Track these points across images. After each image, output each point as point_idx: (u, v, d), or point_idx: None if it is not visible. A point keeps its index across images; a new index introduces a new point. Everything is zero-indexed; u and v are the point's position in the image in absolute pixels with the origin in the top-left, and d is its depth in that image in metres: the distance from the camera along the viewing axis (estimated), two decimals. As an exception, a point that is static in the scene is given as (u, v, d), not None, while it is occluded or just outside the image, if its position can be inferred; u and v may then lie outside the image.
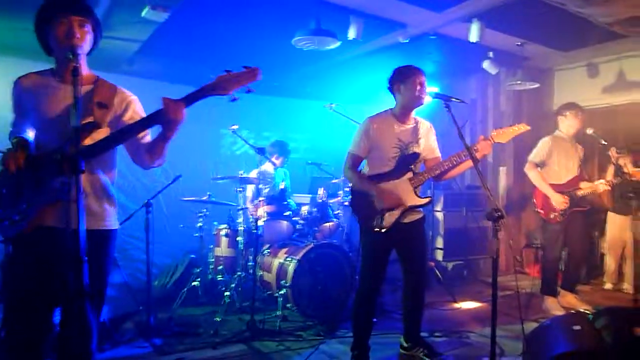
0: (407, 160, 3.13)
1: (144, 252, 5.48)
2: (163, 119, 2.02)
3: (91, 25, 2.09)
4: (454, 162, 3.05)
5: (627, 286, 5.42)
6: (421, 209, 3.18)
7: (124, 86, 2.26)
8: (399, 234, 3.11)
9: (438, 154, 3.30)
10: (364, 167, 3.24)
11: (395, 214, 3.07)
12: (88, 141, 2.01)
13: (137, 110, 2.23)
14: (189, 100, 2.07)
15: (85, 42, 2.06)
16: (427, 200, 3.16)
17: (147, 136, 2.21)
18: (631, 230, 4.86)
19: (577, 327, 2.81)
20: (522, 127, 3.07)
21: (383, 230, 3.04)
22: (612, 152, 4.49)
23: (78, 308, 1.95)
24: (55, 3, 2.05)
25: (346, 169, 3.19)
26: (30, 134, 2.13)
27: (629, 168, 4.56)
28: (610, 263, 5.60)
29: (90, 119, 2.03)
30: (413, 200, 3.11)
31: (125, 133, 2.07)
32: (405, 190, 3.10)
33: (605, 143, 4.31)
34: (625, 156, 4.67)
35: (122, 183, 3.92)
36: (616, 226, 5.50)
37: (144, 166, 2.25)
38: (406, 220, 3.12)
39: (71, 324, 1.95)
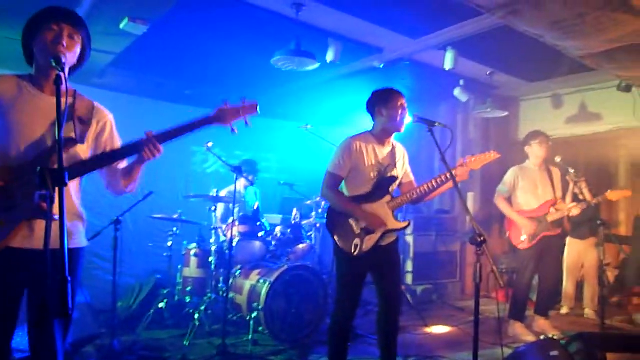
0: (385, 183, 3.12)
1: (107, 272, 5.27)
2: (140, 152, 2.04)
3: (81, 40, 2.01)
4: (433, 186, 3.06)
5: (588, 312, 5.56)
6: (395, 232, 3.17)
7: (95, 99, 2.19)
8: (376, 257, 3.06)
9: (412, 178, 3.31)
10: (342, 188, 3.19)
11: (375, 237, 3.04)
12: (64, 157, 1.92)
13: (114, 132, 2.21)
14: (173, 133, 2.11)
15: (71, 53, 1.97)
16: (405, 224, 3.15)
17: (124, 162, 2.18)
18: (597, 256, 4.98)
19: (555, 353, 2.84)
20: (493, 155, 3.14)
21: (362, 254, 3.00)
22: (570, 178, 4.64)
23: (48, 330, 1.85)
24: (50, 10, 1.96)
25: (325, 189, 3.11)
26: None
27: (585, 194, 4.72)
28: (568, 287, 5.73)
29: (72, 135, 1.94)
30: (392, 223, 3.09)
31: (107, 158, 2.04)
32: (384, 214, 3.08)
33: (573, 171, 4.45)
34: (581, 182, 4.83)
35: (86, 199, 3.73)
36: (574, 251, 5.66)
37: (117, 192, 2.22)
38: (383, 243, 3.09)
39: (42, 347, 1.83)
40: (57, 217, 1.68)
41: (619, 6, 2.80)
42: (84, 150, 2.05)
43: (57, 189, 1.58)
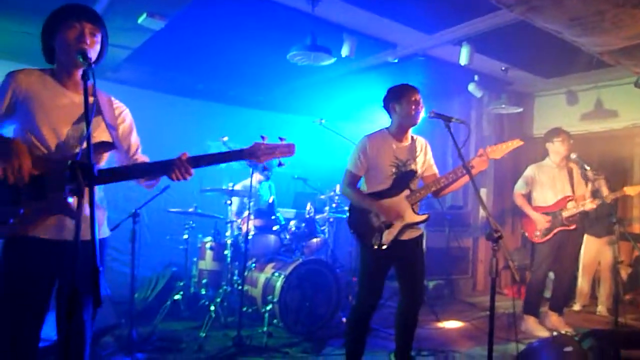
0: (404, 178, 3.15)
1: (124, 264, 5.36)
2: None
3: (100, 38, 2.05)
4: (450, 179, 3.09)
5: (601, 308, 5.55)
6: (420, 226, 3.20)
7: (109, 93, 2.24)
8: (398, 251, 3.11)
9: (435, 170, 3.33)
10: (362, 185, 3.24)
11: (394, 231, 3.08)
12: (102, 159, 2.06)
13: (131, 126, 2.27)
14: (206, 160, 2.10)
15: (93, 50, 2.01)
16: (424, 217, 3.17)
17: (146, 159, 2.25)
18: (612, 253, 4.98)
19: (569, 349, 2.86)
20: (516, 143, 3.11)
21: (382, 248, 3.04)
22: (590, 174, 4.64)
23: (78, 319, 1.91)
24: (70, 8, 2.00)
25: (344, 187, 3.21)
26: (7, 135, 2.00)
27: (603, 190, 4.71)
28: (582, 285, 5.72)
29: (108, 139, 2.01)
30: (411, 217, 3.12)
31: (136, 172, 2.09)
32: (403, 208, 3.11)
33: (588, 168, 4.45)
34: (600, 179, 4.82)
35: (104, 193, 3.85)
36: (591, 249, 5.64)
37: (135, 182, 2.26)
38: (405, 238, 3.12)
39: (72, 335, 1.89)
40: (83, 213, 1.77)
41: (639, 3, 2.79)
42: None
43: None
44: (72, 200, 1.87)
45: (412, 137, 3.24)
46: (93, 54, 2.00)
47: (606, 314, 5.43)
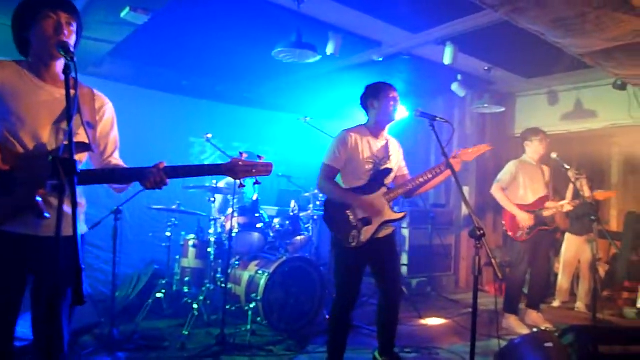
0: (380, 175, 3.18)
1: (104, 262, 5.29)
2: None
3: (76, 27, 1.98)
4: (427, 178, 3.12)
5: (580, 305, 5.66)
6: (394, 223, 3.23)
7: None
8: (374, 249, 3.12)
9: (406, 171, 3.39)
10: (338, 181, 3.23)
11: (372, 228, 3.09)
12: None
13: (112, 121, 2.20)
14: (183, 171, 2.06)
15: (71, 41, 1.93)
16: (402, 214, 3.21)
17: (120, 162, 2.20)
18: (591, 251, 5.07)
19: (549, 345, 2.91)
20: (484, 147, 3.25)
21: (360, 246, 3.04)
22: (571, 174, 4.73)
23: (57, 318, 1.87)
24: None
25: (321, 181, 3.15)
26: None
27: (585, 190, 4.82)
28: (563, 282, 5.83)
29: (85, 140, 1.93)
30: (389, 214, 3.14)
31: (111, 176, 2.04)
32: (381, 205, 3.12)
33: (568, 167, 4.52)
34: (582, 178, 4.92)
35: (84, 188, 3.79)
36: (572, 246, 5.75)
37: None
38: (381, 235, 3.14)
39: (50, 334, 1.86)
40: (48, 215, 1.78)
41: (620, 6, 2.85)
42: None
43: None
44: (40, 199, 1.82)
45: (386, 137, 3.28)
46: (71, 44, 1.93)
47: (584, 310, 5.54)
